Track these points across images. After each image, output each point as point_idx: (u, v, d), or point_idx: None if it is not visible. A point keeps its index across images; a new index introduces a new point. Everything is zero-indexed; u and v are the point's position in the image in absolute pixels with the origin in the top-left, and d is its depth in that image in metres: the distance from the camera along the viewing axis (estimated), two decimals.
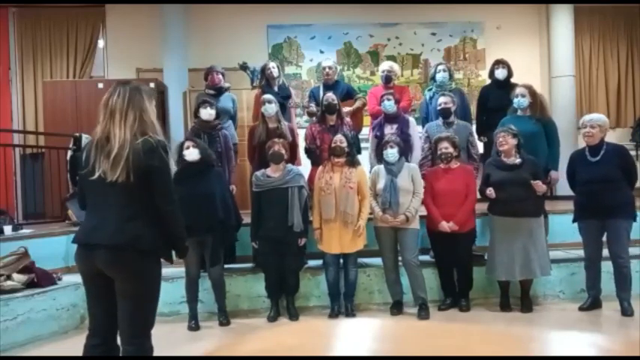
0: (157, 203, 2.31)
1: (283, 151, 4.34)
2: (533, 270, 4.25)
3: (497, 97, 5.18)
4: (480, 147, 5.19)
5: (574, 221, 4.39)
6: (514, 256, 4.23)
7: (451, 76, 5.41)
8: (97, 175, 2.25)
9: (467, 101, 5.49)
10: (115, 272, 2.27)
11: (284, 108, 5.12)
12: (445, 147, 4.42)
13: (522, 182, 4.20)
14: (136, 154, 2.22)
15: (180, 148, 4.19)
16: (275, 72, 5.25)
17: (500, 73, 5.28)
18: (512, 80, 5.28)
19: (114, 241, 2.22)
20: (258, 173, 4.42)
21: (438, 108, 4.82)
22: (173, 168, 3.75)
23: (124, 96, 2.29)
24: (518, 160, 4.29)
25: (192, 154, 4.11)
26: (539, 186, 4.19)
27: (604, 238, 4.27)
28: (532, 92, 4.69)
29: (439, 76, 5.25)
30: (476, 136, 5.01)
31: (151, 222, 2.28)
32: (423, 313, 4.32)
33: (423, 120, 5.37)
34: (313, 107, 5.15)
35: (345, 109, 5.12)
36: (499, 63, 5.34)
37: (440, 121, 4.82)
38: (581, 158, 4.31)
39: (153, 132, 2.31)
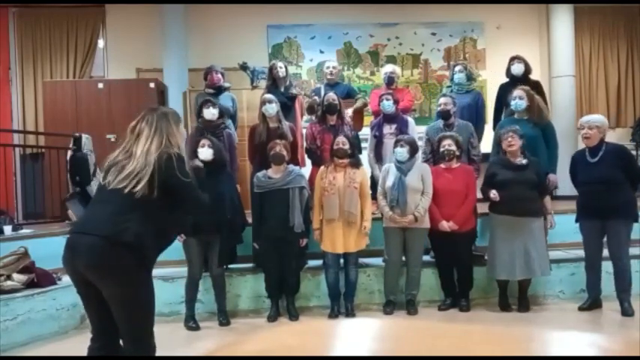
0: (189, 211, 2.52)
1: (284, 153, 4.34)
2: (533, 269, 4.25)
3: None
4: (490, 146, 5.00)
5: (576, 221, 4.38)
6: (514, 255, 4.23)
7: (469, 77, 5.31)
8: (115, 187, 2.29)
9: (483, 102, 5.38)
10: (95, 276, 2.25)
11: (288, 108, 5.11)
12: (449, 144, 4.42)
13: (527, 182, 4.21)
14: (159, 167, 2.30)
15: (196, 142, 4.20)
16: (282, 72, 5.20)
17: (517, 68, 5.10)
18: (532, 77, 5.15)
19: (102, 232, 2.23)
20: (260, 174, 4.41)
21: (438, 109, 4.78)
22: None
23: (152, 122, 2.39)
24: (524, 161, 4.29)
25: (205, 153, 4.11)
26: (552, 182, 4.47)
27: (604, 239, 4.26)
28: (530, 95, 4.62)
29: (456, 77, 5.18)
30: (477, 137, 4.91)
31: (146, 222, 2.27)
32: (412, 309, 4.43)
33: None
34: (317, 99, 5.11)
35: (348, 110, 5.11)
36: (515, 58, 5.18)
37: (440, 123, 4.79)
38: (582, 159, 4.31)
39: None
